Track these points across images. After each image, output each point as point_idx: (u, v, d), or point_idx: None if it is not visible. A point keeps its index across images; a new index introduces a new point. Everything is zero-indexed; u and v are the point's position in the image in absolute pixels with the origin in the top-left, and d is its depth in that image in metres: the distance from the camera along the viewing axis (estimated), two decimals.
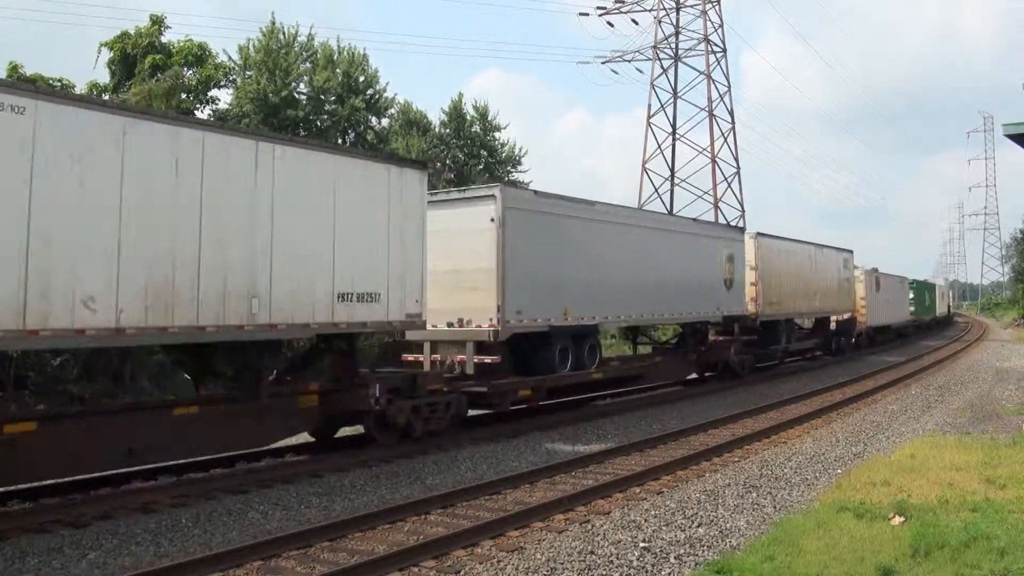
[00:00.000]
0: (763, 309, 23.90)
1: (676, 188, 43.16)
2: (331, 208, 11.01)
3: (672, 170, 43.38)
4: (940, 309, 62.63)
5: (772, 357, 25.84)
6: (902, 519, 8.12)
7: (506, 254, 14.18)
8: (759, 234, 24.42)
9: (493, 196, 14.35)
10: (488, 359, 14.34)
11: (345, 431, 13.21)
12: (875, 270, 38.68)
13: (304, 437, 12.62)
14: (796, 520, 8.38)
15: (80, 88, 29.02)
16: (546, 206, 15.53)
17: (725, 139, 42.26)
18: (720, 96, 43.01)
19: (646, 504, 9.33)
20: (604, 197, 19.40)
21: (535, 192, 16.19)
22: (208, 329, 9.46)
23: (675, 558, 7.32)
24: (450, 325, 14.38)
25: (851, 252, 33.03)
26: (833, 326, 32.38)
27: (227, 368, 11.25)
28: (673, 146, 43.29)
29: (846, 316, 32.84)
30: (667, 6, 43.28)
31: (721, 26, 43.16)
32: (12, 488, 9.33)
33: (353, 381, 11.98)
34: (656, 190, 42.90)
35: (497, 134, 44.22)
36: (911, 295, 48.64)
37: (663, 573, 6.99)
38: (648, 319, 19.15)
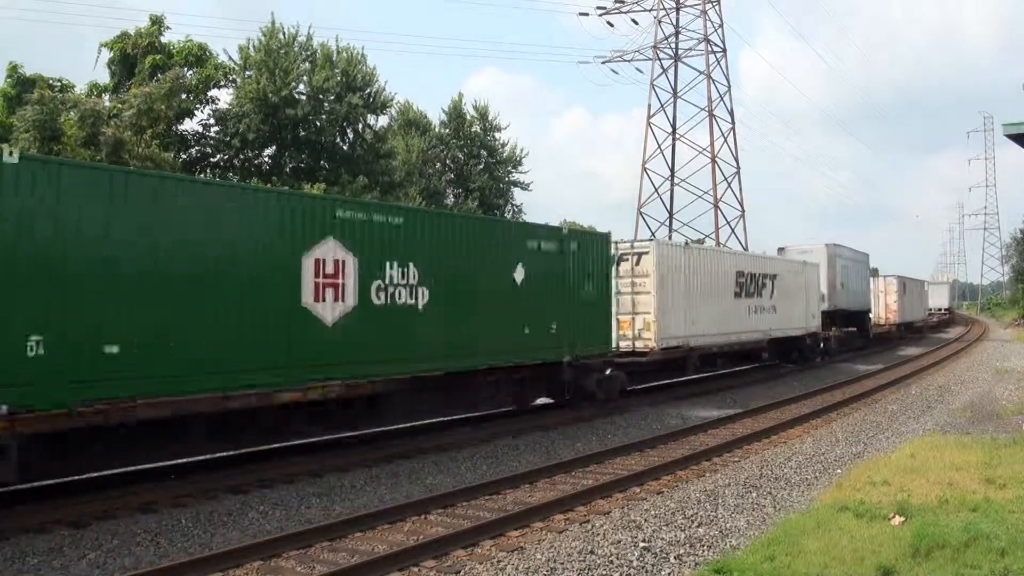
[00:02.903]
0: None
1: (676, 188, 43.22)
2: None
3: (672, 170, 43.43)
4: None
5: None
6: (902, 519, 8.12)
7: None
8: None
9: None
10: None
11: None
12: None
13: None
14: (796, 520, 8.37)
15: (80, 88, 29.02)
16: None
17: (725, 139, 42.26)
18: (720, 96, 43.03)
19: (646, 504, 9.33)
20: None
21: None
22: None
23: (675, 558, 7.32)
24: None
25: None
26: None
27: None
28: (673, 146, 43.35)
29: None
30: (667, 6, 43.30)
31: (721, 26, 43.17)
32: (11, 488, 9.31)
33: None
34: (656, 190, 42.97)
35: (497, 134, 44.05)
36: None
37: (663, 573, 6.99)
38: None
